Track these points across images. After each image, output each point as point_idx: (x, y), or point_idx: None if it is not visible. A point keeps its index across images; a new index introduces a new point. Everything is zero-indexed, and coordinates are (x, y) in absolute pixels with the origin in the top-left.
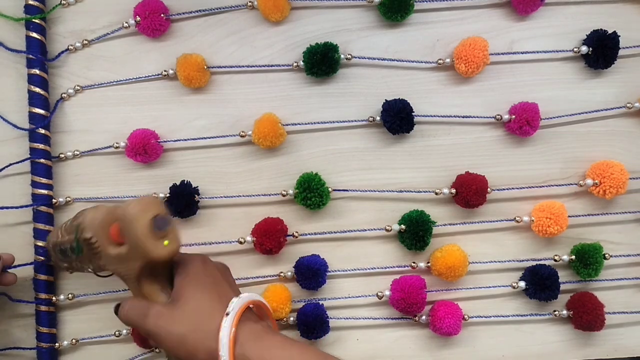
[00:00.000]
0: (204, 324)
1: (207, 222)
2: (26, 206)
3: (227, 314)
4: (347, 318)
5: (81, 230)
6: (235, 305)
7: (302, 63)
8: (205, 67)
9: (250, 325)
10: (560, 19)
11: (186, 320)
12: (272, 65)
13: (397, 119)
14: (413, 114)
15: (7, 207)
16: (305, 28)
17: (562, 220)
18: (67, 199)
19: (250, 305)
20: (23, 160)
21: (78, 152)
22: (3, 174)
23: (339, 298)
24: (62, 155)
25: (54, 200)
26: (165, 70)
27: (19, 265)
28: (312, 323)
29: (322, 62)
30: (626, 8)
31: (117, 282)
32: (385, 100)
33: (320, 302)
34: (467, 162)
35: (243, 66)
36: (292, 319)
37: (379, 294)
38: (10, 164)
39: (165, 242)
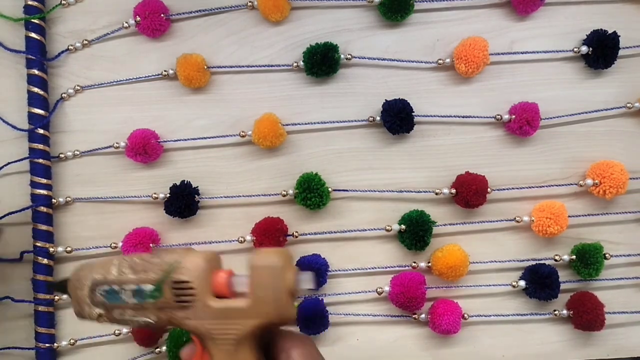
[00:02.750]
0: None
1: (207, 222)
2: (25, 209)
3: None
4: (347, 314)
5: (176, 271)
6: None
7: (302, 63)
8: (205, 67)
9: None
10: (560, 19)
11: None
12: (272, 65)
13: (397, 119)
14: (413, 114)
15: (8, 214)
16: (305, 28)
17: (562, 220)
18: (67, 198)
19: None
20: (21, 160)
21: (78, 152)
22: (2, 173)
23: (339, 294)
24: (62, 155)
25: (53, 200)
26: (165, 70)
27: (14, 260)
28: (312, 318)
29: (322, 62)
30: (626, 8)
31: None
32: (385, 100)
33: (320, 298)
34: (467, 162)
35: (243, 66)
36: None
37: (378, 289)
38: (8, 163)
39: (295, 304)
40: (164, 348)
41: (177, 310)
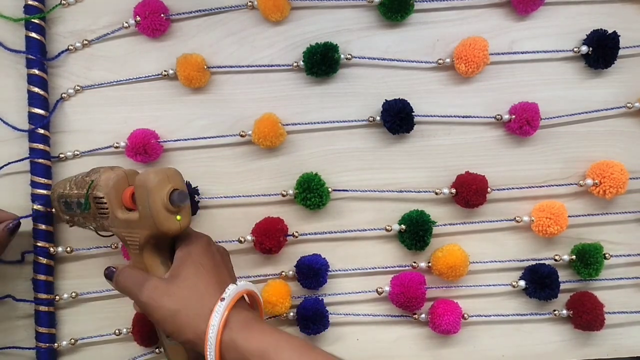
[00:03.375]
0: (197, 305)
1: (207, 222)
2: (26, 216)
3: (222, 300)
4: (347, 314)
5: (93, 188)
6: (231, 292)
7: (302, 63)
8: (205, 67)
9: (242, 312)
10: (560, 19)
11: (180, 298)
12: (272, 65)
13: (397, 119)
14: (413, 114)
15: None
16: (305, 28)
17: (562, 220)
18: None
19: (245, 295)
20: (21, 160)
21: (78, 152)
22: (3, 172)
23: (339, 294)
24: (62, 155)
25: None
26: (165, 70)
27: (16, 262)
28: (312, 317)
29: (322, 62)
30: (626, 8)
31: None
32: (385, 100)
33: (320, 298)
34: (467, 162)
35: (243, 66)
36: (291, 314)
37: (378, 289)
38: (8, 163)
39: (178, 217)
40: None
41: (103, 219)
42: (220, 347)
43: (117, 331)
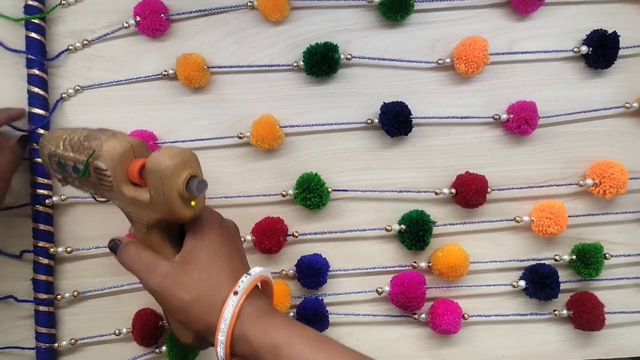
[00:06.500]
0: (210, 297)
1: None
2: (25, 204)
3: (236, 293)
4: (347, 314)
5: (96, 157)
6: (245, 284)
7: (302, 63)
8: (205, 67)
9: (254, 302)
10: (560, 19)
11: (193, 289)
12: (272, 65)
13: (395, 122)
14: (411, 116)
15: (9, 208)
16: (305, 28)
17: (562, 220)
18: (62, 197)
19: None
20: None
21: None
22: None
23: (339, 294)
24: None
25: (54, 199)
26: (165, 70)
27: (14, 256)
28: (312, 317)
29: (322, 62)
30: (626, 8)
31: (119, 280)
32: (384, 102)
33: (320, 298)
34: (467, 162)
35: (243, 66)
36: (291, 314)
37: (378, 289)
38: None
39: (193, 204)
40: (164, 348)
41: (104, 190)
42: (231, 340)
43: (117, 331)
